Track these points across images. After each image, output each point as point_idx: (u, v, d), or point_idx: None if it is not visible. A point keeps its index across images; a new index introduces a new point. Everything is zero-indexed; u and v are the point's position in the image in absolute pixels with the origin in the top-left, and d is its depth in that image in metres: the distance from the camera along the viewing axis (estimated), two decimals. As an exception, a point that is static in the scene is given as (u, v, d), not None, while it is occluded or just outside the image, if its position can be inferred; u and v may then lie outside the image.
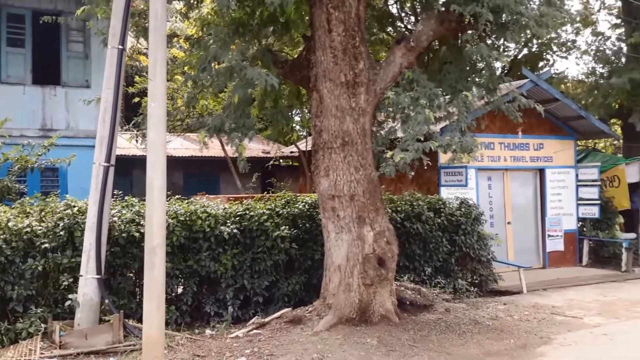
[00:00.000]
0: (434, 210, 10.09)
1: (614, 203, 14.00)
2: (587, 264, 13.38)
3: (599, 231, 13.78)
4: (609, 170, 14.32)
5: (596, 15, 18.63)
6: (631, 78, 14.68)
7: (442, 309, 8.54)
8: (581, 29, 17.97)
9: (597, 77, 17.07)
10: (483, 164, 12.24)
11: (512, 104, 8.02)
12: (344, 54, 7.63)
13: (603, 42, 17.91)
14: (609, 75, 15.94)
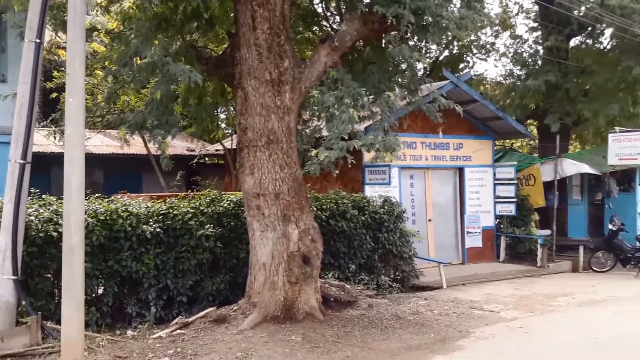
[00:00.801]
0: (358, 209, 10.24)
1: (530, 201, 14.64)
2: (504, 260, 13.93)
3: (516, 228, 14.38)
4: (525, 169, 14.98)
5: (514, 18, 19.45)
6: (547, 80, 15.36)
7: (366, 305, 8.69)
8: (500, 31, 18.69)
9: (515, 79, 17.78)
10: (406, 162, 12.53)
11: (432, 105, 8.24)
12: (269, 52, 7.62)
13: (521, 45, 18.65)
14: (526, 78, 16.61)
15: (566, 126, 16.27)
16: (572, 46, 17.18)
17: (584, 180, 16.11)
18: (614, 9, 13.04)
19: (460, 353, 6.81)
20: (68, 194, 6.01)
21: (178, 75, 7.08)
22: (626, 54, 14.55)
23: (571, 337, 7.56)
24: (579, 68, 15.97)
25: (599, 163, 14.86)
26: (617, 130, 14.72)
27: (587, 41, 17.26)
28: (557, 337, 7.57)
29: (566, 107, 15.61)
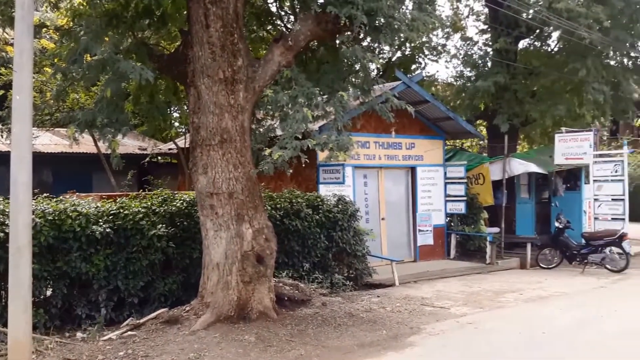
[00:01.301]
0: (312, 208, 10.29)
1: (479, 199, 14.96)
2: (455, 257, 14.21)
3: (466, 226, 14.66)
4: (475, 168, 15.30)
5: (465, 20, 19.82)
6: (496, 81, 15.69)
7: (319, 303, 8.75)
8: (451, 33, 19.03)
9: (465, 80, 18.11)
10: (359, 162, 12.64)
11: (385, 105, 8.35)
12: (222, 50, 7.59)
13: (471, 46, 19.00)
14: (476, 79, 16.93)
15: (514, 126, 16.66)
16: (520, 48, 17.61)
17: (532, 179, 16.58)
18: (561, 12, 13.43)
19: (411, 349, 6.93)
20: (15, 194, 5.88)
21: (129, 72, 7.00)
22: (572, 56, 15.00)
23: (519, 332, 7.77)
24: (527, 70, 16.39)
25: (546, 162, 15.29)
26: (563, 130, 15.20)
27: (535, 43, 17.73)
28: (505, 332, 7.78)
29: (514, 108, 16.01)
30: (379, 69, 17.99)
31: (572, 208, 15.35)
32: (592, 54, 14.52)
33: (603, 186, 14.34)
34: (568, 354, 6.79)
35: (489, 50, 17.92)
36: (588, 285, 11.47)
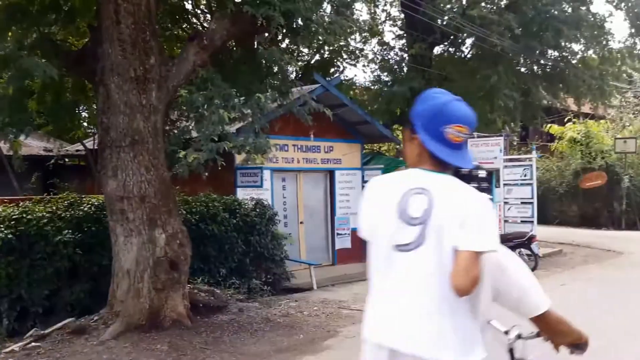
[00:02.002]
0: (229, 211, 10.08)
1: (396, 202, 15.21)
2: (372, 259, 14.36)
3: (383, 228, 14.86)
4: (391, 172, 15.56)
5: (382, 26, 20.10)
6: (411, 87, 16.02)
7: (236, 309, 8.57)
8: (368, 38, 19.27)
9: (382, 84, 18.43)
10: (278, 165, 12.52)
11: (303, 108, 8.30)
12: (133, 48, 7.26)
13: (388, 51, 19.34)
14: (392, 84, 17.27)
15: (430, 131, 17.07)
16: (435, 54, 18.11)
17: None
18: (474, 19, 13.90)
19: (328, 353, 6.89)
20: None
21: (32, 69, 6.61)
22: (484, 63, 15.55)
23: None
24: (442, 75, 16.86)
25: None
26: (475, 135, 15.73)
27: (449, 50, 18.29)
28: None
29: (430, 113, 16.41)
30: (298, 72, 17.98)
31: (485, 211, 15.87)
32: (504, 61, 15.10)
33: (513, 190, 14.91)
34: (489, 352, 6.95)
35: (405, 55, 18.30)
36: (499, 285, 11.86)
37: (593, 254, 16.66)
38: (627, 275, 12.68)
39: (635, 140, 24.43)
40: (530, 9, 14.72)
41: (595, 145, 25.00)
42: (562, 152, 26.46)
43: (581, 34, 15.64)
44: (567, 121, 25.93)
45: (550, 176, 25.98)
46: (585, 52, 17.26)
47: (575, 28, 15.05)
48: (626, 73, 19.56)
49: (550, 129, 26.58)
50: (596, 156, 24.66)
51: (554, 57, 16.97)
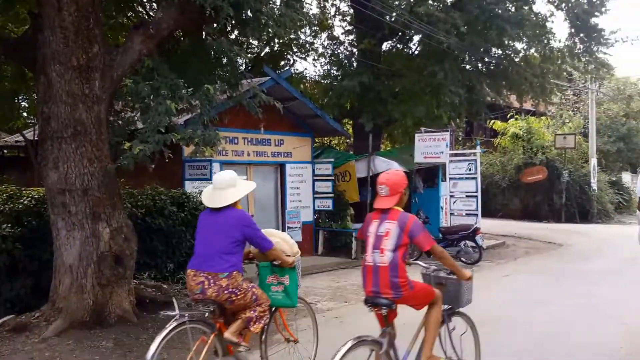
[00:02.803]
0: (177, 205, 9.88)
1: (346, 196, 15.30)
2: (323, 253, 14.40)
3: (333, 222, 14.93)
4: (342, 166, 15.63)
5: (332, 20, 20.10)
6: (361, 82, 16.09)
7: (184, 304, 8.40)
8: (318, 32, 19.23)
9: (332, 79, 18.45)
10: (227, 158, 12.40)
11: (253, 100, 8.20)
12: (76, 36, 7.00)
13: (337, 46, 19.36)
14: (342, 78, 17.30)
15: (378, 126, 17.20)
16: (384, 50, 18.24)
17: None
18: (422, 16, 14.07)
19: (278, 346, 6.84)
20: None
21: (-34, 56, 6.26)
22: (431, 59, 15.75)
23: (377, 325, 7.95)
24: (390, 71, 17.01)
25: (407, 161, 15.97)
26: (422, 130, 15.97)
27: (397, 46, 18.45)
28: (369, 325, 7.90)
29: (378, 107, 16.51)
30: (248, 64, 17.80)
31: (431, 204, 16.16)
32: (450, 58, 15.35)
33: (458, 183, 15.22)
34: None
35: (354, 50, 18.35)
36: (445, 276, 12.06)
37: (534, 246, 17.23)
38: (566, 266, 13.17)
39: (574, 137, 25.39)
40: (475, 7, 15.00)
41: (537, 141, 25.86)
42: (504, 148, 27.25)
43: (524, 33, 16.05)
44: (509, 117, 26.70)
45: (494, 170, 26.73)
46: (527, 50, 17.75)
47: (518, 27, 15.43)
48: (566, 71, 20.21)
49: (494, 125, 27.33)
50: (537, 151, 25.50)
51: (497, 55, 17.36)
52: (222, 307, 5.08)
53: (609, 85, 31.22)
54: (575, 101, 31.86)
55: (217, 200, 5.15)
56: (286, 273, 5.67)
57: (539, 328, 7.69)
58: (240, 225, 5.05)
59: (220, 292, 4.98)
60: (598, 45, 17.68)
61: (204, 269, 5.03)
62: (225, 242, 5.01)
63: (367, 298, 4.85)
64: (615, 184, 29.36)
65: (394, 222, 4.62)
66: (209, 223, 5.15)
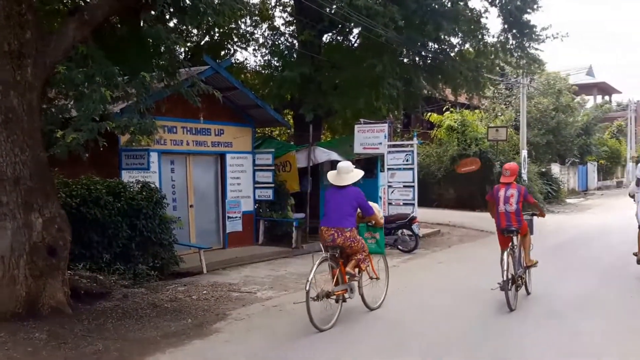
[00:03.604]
0: (113, 195, 9.72)
1: (287, 186, 15.36)
2: (263, 243, 14.44)
3: (274, 212, 14.97)
4: (283, 156, 15.68)
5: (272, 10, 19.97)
6: (301, 72, 16.09)
7: (120, 295, 8.34)
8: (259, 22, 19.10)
9: (273, 69, 18.40)
10: (166, 147, 12.23)
11: (191, 89, 8.16)
12: (7, 21, 6.79)
13: (278, 37, 19.27)
14: (283, 69, 17.28)
15: (319, 117, 17.31)
16: (324, 42, 18.33)
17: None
18: (361, 9, 14.20)
19: (216, 336, 6.90)
20: None
21: None
22: (371, 52, 15.95)
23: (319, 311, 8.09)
24: (330, 63, 17.11)
25: (346, 151, 16.17)
26: (362, 122, 16.21)
27: (338, 38, 18.57)
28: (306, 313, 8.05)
29: (319, 99, 16.59)
30: (188, 53, 17.55)
31: (370, 194, 16.23)
32: (388, 52, 15.59)
33: (396, 174, 15.54)
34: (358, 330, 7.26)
35: (295, 41, 18.36)
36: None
37: (468, 234, 17.83)
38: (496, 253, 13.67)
39: (505, 129, 26.31)
40: (413, 2, 15.22)
41: (470, 133, 26.64)
42: (440, 139, 27.94)
43: (459, 28, 16.44)
44: (445, 110, 27.38)
45: (430, 161, 27.37)
46: (462, 45, 18.19)
47: (454, 22, 15.79)
48: (499, 66, 20.83)
49: (431, 117, 27.97)
50: (471, 143, 26.28)
51: (434, 50, 17.74)
52: (343, 251, 7.60)
53: (539, 80, 32.35)
54: (507, 95, 32.91)
55: (341, 181, 7.77)
56: (377, 231, 8.42)
57: (468, 314, 8.02)
58: (356, 198, 7.66)
59: (345, 241, 7.51)
60: (530, 41, 18.27)
61: (333, 225, 7.55)
62: (347, 208, 7.58)
63: (502, 229, 8.59)
64: (545, 175, 30.61)
65: (515, 189, 8.54)
66: (335, 196, 7.73)
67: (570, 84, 35.11)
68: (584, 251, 14.01)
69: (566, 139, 33.87)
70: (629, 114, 51.09)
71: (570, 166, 38.64)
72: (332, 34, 18.34)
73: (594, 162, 44.30)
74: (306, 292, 6.95)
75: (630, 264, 10.71)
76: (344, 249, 7.57)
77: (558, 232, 17.85)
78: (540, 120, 32.25)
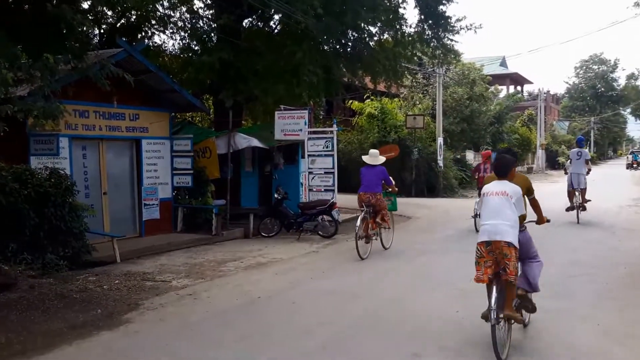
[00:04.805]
0: (20, 182, 9.29)
1: (206, 173, 15.14)
2: (182, 230, 14.21)
3: (193, 199, 14.75)
4: (202, 142, 15.43)
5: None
6: (220, 57, 15.85)
7: (27, 286, 8.01)
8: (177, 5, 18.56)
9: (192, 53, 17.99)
10: (78, 132, 11.80)
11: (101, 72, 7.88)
12: None
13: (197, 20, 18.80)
14: (202, 53, 16.94)
15: (239, 102, 17.14)
16: (245, 27, 18.11)
17: (256, 153, 17.38)
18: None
19: (126, 326, 6.76)
20: None
21: None
22: (291, 39, 15.94)
23: (236, 299, 8.12)
24: (250, 49, 16.94)
25: (267, 138, 16.13)
26: (282, 108, 16.19)
27: (258, 24, 18.40)
28: (222, 300, 8.05)
29: (239, 84, 16.42)
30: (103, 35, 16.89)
31: (291, 180, 16.50)
32: (308, 39, 15.62)
33: (316, 160, 15.66)
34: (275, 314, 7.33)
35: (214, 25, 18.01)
36: (303, 250, 12.44)
37: (386, 220, 18.21)
38: (412, 236, 14.13)
39: (423, 117, 27.06)
40: (332, -10, 15.31)
41: (390, 121, 27.22)
42: (362, 127, 28.38)
43: (377, 18, 16.68)
44: (366, 98, 27.81)
45: (352, 148, 27.77)
46: (381, 35, 18.50)
47: (372, 11, 15.99)
48: (417, 56, 21.31)
49: (352, 105, 28.34)
50: (390, 131, 26.87)
51: (354, 38, 17.92)
52: (374, 208, 11.50)
53: (455, 70, 33.38)
54: (425, 84, 33.78)
55: (374, 162, 11.85)
56: (392, 196, 13.22)
57: (378, 296, 8.24)
58: (382, 173, 11.72)
59: (376, 201, 11.50)
60: (445, 32, 18.82)
61: (369, 190, 11.48)
62: (377, 180, 11.60)
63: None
64: (460, 162, 31.77)
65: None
66: (369, 171, 11.70)
67: (484, 75, 36.41)
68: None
69: (479, 127, 35.14)
70: (539, 104, 53.75)
71: (484, 153, 40.18)
72: (252, 19, 18.16)
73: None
74: (356, 234, 11.09)
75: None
76: (375, 207, 11.49)
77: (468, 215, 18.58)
78: (455, 109, 33.31)
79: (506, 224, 5.53)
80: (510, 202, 5.63)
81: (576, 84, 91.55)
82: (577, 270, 9.76)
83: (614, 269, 9.89)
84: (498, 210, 5.60)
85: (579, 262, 10.49)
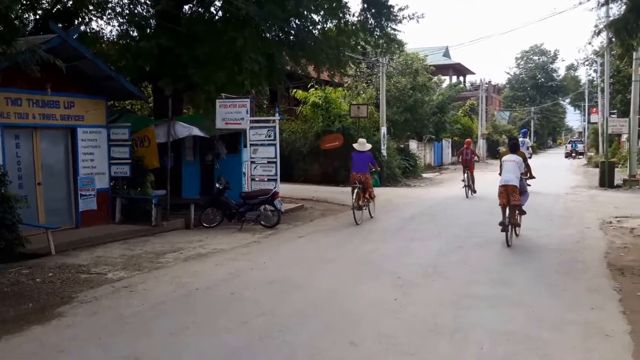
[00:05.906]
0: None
1: (145, 162, 14.83)
2: (120, 221, 13.90)
3: (132, 189, 14.44)
4: (140, 131, 15.09)
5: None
6: (159, 43, 15.44)
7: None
8: (115, -10, 18.02)
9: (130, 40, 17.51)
10: (10, 120, 11.37)
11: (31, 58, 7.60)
12: None
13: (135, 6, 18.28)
14: (140, 39, 16.51)
15: (179, 90, 16.82)
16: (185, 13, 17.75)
17: (197, 142, 17.14)
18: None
19: (59, 320, 6.60)
20: None
21: None
22: (232, 25, 15.71)
23: (173, 291, 8.00)
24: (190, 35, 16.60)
25: (209, 127, 15.94)
26: (223, 96, 16.02)
27: (199, 10, 18.06)
28: (159, 292, 7.92)
29: (178, 71, 16.08)
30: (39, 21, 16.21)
31: (233, 170, 16.39)
32: (250, 26, 15.44)
33: (259, 149, 15.60)
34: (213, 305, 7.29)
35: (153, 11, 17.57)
36: (245, 240, 12.37)
37: (330, 209, 18.37)
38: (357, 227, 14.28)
39: (367, 107, 27.29)
40: (271, -23, 15.15)
41: (334, 110, 27.36)
42: (306, 116, 28.40)
43: (320, 6, 16.65)
44: (310, 87, 27.82)
45: (296, 137, 27.81)
46: (324, 23, 18.47)
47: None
48: (360, 45, 21.40)
49: (296, 94, 28.30)
50: (335, 120, 27.01)
51: (296, 26, 17.83)
52: (364, 185, 14.88)
53: (398, 60, 33.76)
54: (369, 74, 34.05)
55: (363, 148, 15.24)
56: (375, 174, 20.16)
57: (321, 285, 8.31)
58: (370, 158, 15.25)
59: (366, 180, 14.95)
60: (387, 21, 18.93)
61: (360, 171, 14.95)
62: (366, 163, 15.05)
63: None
64: (403, 151, 32.24)
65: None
66: (359, 156, 15.13)
67: (427, 65, 36.99)
68: (436, 221, 14.98)
69: (422, 116, 35.74)
70: (481, 94, 55.11)
71: (426, 143, 40.95)
72: (192, 4, 17.81)
73: (449, 138, 47.27)
74: (352, 205, 14.63)
75: (475, 235, 11.75)
76: (364, 184, 14.87)
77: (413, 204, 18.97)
78: (399, 98, 33.74)
79: (514, 176, 11.04)
80: (516, 165, 11.18)
81: (517, 74, 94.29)
82: (513, 258, 10.11)
83: (550, 255, 10.29)
84: (510, 169, 11.10)
85: (515, 249, 10.86)
